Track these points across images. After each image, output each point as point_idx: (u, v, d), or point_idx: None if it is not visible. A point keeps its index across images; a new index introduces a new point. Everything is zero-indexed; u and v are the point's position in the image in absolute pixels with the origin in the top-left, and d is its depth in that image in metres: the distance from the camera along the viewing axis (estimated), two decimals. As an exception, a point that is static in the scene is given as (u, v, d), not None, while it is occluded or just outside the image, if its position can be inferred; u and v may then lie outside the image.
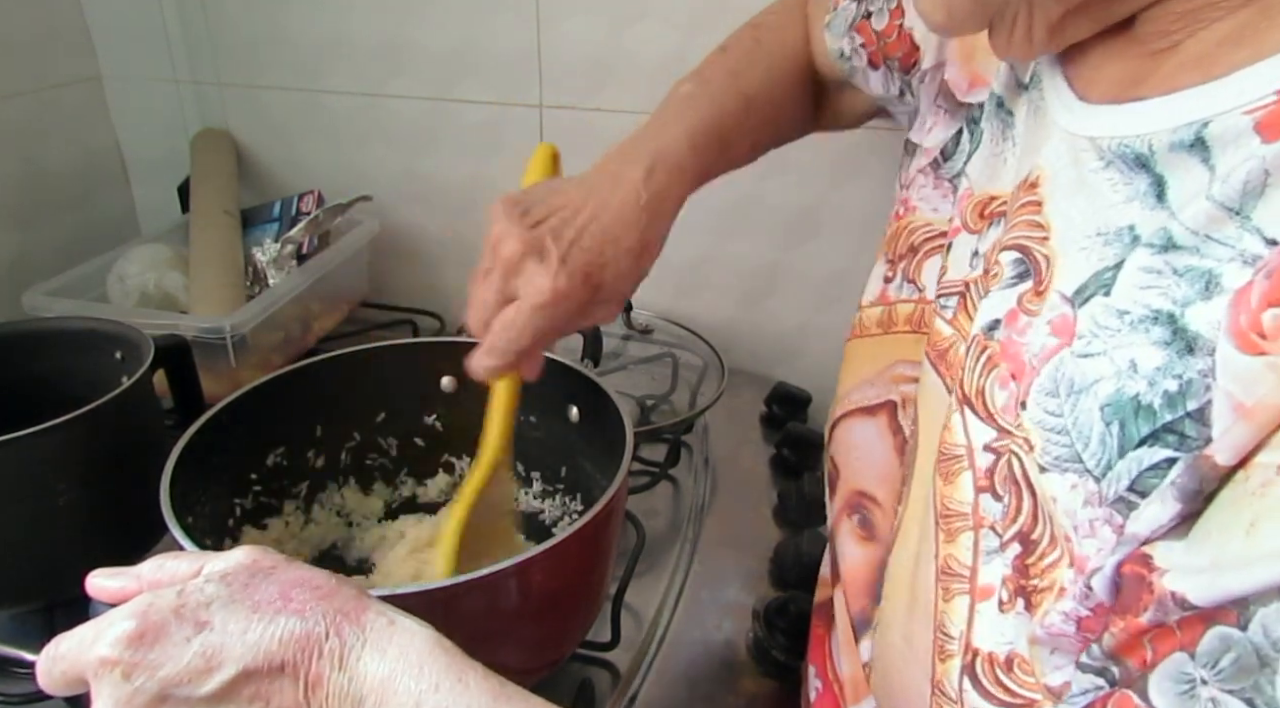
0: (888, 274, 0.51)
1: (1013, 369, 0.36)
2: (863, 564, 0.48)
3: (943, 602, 0.36)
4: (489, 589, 0.46)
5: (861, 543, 0.48)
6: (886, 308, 0.50)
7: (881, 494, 0.48)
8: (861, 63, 0.58)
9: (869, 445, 0.49)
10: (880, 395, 0.49)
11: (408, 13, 1.00)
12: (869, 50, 0.57)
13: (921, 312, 0.47)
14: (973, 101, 0.48)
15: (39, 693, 0.59)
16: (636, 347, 1.00)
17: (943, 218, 0.48)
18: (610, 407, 0.59)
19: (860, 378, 0.51)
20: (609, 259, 0.50)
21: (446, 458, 0.70)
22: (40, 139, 1.05)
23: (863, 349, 0.52)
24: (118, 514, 0.61)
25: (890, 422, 0.48)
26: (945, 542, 0.37)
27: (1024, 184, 0.39)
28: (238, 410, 0.60)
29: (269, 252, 0.98)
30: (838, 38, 0.60)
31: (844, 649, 0.50)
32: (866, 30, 0.57)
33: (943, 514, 0.37)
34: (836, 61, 0.61)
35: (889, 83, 0.58)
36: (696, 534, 0.77)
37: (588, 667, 0.62)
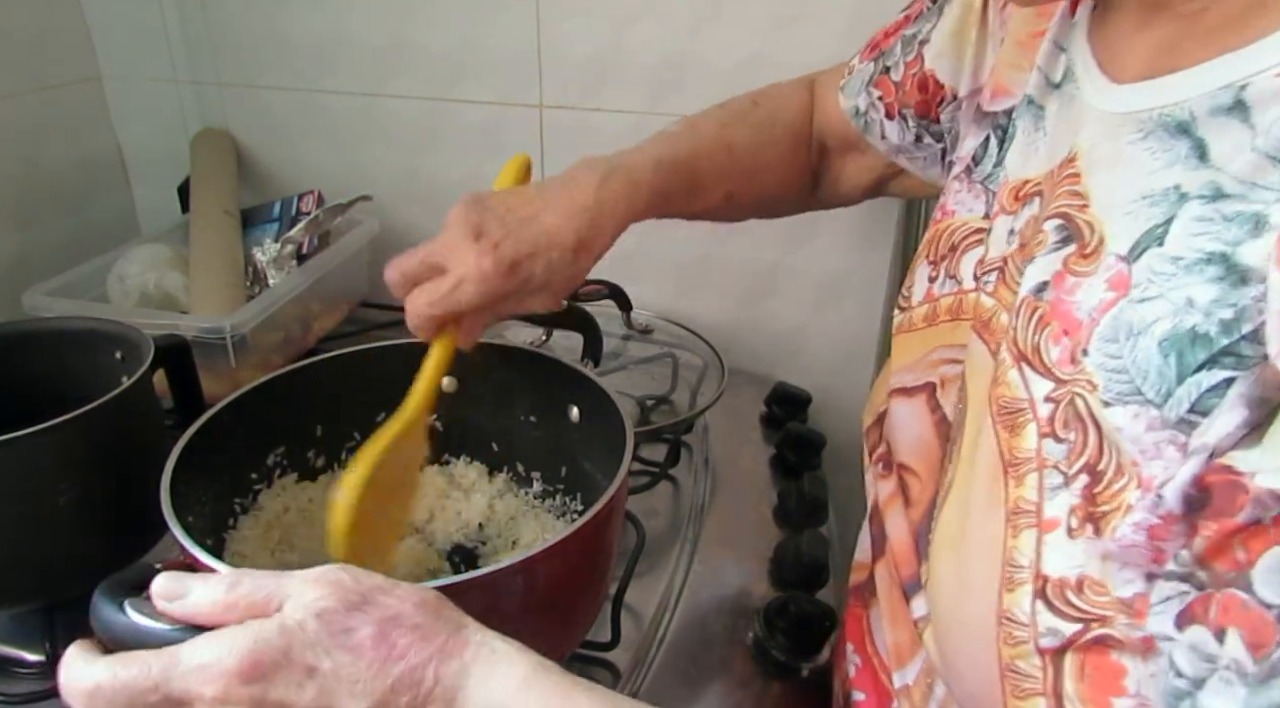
0: (931, 274, 0.54)
1: (1064, 326, 0.38)
2: (905, 531, 0.51)
3: (1010, 538, 0.39)
4: (489, 589, 0.46)
5: (903, 511, 0.51)
6: (931, 304, 0.53)
7: (919, 465, 0.51)
8: (878, 115, 0.64)
9: (908, 423, 0.53)
10: (919, 378, 0.53)
11: (408, 13, 1.00)
12: (886, 103, 0.63)
13: (959, 301, 0.51)
14: (997, 109, 0.52)
15: (39, 693, 0.59)
16: (636, 347, 1.00)
17: (976, 216, 0.52)
18: (610, 407, 0.59)
19: (902, 366, 0.55)
20: (540, 251, 0.55)
21: (446, 458, 0.70)
22: (40, 139, 1.05)
23: (909, 342, 0.55)
24: (118, 514, 0.61)
25: (929, 400, 0.51)
26: (1014, 486, 0.39)
27: (1063, 163, 0.43)
28: (238, 410, 0.60)
29: (269, 252, 0.98)
30: (853, 96, 0.65)
31: (887, 621, 0.53)
32: (885, 84, 0.63)
33: (1010, 462, 0.40)
34: (852, 120, 0.66)
35: (904, 131, 0.63)
36: (696, 534, 0.77)
37: (588, 667, 0.62)
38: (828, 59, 0.71)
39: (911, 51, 0.61)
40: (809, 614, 0.65)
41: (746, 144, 0.66)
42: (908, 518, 0.51)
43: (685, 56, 0.94)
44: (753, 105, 0.69)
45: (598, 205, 0.57)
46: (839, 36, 0.88)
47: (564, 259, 0.55)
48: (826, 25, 0.88)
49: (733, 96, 0.70)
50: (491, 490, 0.68)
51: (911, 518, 0.51)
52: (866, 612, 0.58)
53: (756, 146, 0.67)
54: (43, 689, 0.59)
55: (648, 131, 0.65)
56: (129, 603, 0.39)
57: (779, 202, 0.72)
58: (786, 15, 0.89)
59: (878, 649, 0.55)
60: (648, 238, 1.03)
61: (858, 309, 1.02)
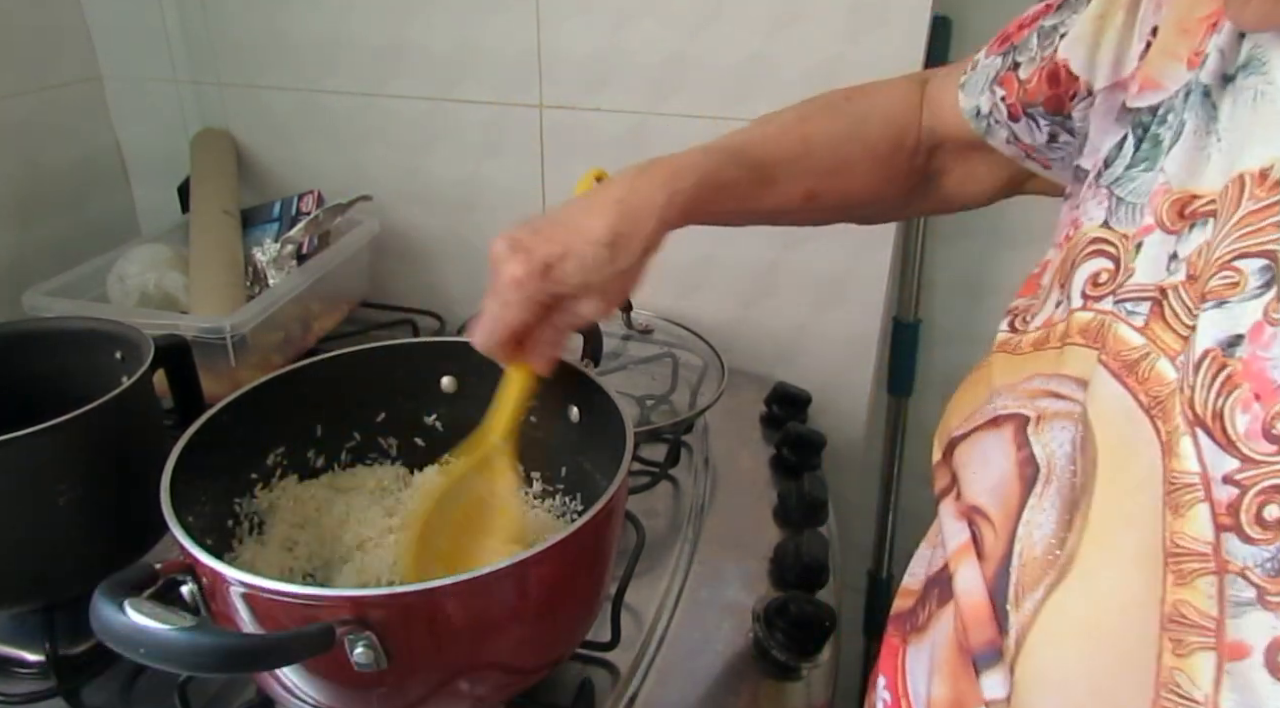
0: (1059, 299, 0.48)
1: (1256, 389, 0.33)
2: (979, 588, 0.43)
3: (1173, 656, 0.32)
4: (489, 589, 0.46)
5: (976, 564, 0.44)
6: (1047, 329, 0.47)
7: (994, 510, 0.44)
8: (1002, 116, 0.57)
9: (987, 458, 0.46)
10: (1009, 407, 0.46)
11: (408, 13, 1.00)
12: (1009, 103, 0.56)
13: (1068, 325, 0.44)
14: (1141, 106, 0.46)
15: (39, 693, 0.59)
16: (636, 347, 1.00)
17: (1095, 223, 0.46)
18: (610, 407, 0.59)
19: (992, 392, 0.48)
20: (572, 250, 0.51)
21: (446, 458, 0.70)
22: (40, 139, 1.05)
23: (1006, 365, 0.49)
24: (118, 514, 0.61)
25: (1016, 436, 0.44)
26: (1175, 584, 0.33)
27: (1259, 181, 0.36)
28: (238, 410, 0.60)
29: (269, 252, 0.98)
30: (974, 95, 0.58)
31: (936, 674, 0.47)
32: (1011, 82, 0.56)
33: (1171, 553, 0.33)
34: (971, 121, 0.59)
35: (1034, 131, 0.56)
36: (696, 534, 0.77)
37: (588, 667, 0.62)
38: (828, 59, 0.70)
39: (1050, 44, 0.52)
40: (809, 614, 0.65)
41: (829, 139, 0.61)
42: (981, 574, 0.43)
43: (685, 56, 0.94)
44: (844, 99, 0.64)
45: (631, 194, 0.53)
46: (839, 37, 0.88)
47: (599, 256, 0.52)
48: (826, 25, 0.88)
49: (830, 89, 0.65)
50: (491, 490, 0.68)
51: (985, 574, 0.43)
52: (905, 647, 0.51)
53: (841, 142, 0.62)
54: (43, 689, 0.59)
55: (648, 131, 0.64)
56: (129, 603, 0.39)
57: (873, 204, 0.66)
58: (786, 15, 0.89)
59: (909, 694, 0.49)
60: (648, 238, 1.03)
61: (858, 309, 1.02)
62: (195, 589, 0.47)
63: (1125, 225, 0.44)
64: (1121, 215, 0.44)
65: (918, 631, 0.50)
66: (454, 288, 1.14)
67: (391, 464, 0.70)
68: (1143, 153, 0.45)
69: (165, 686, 0.58)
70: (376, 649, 0.43)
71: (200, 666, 0.40)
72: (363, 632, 0.43)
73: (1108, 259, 0.44)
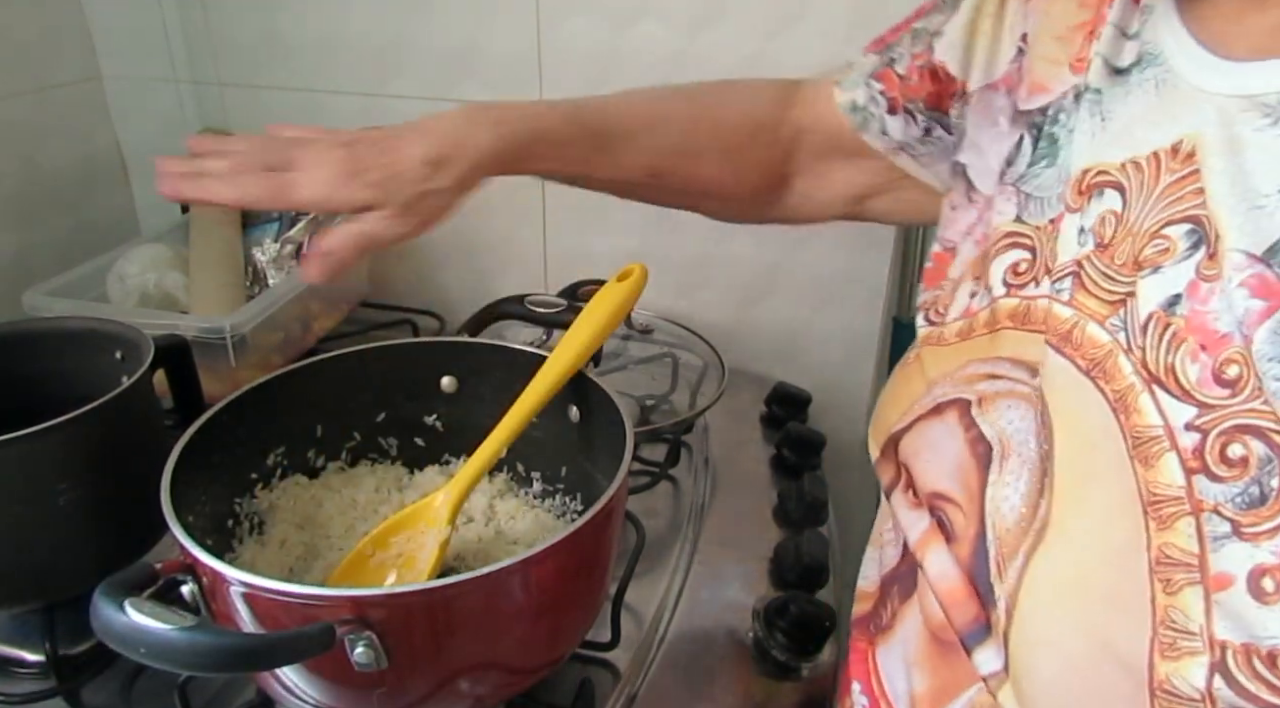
0: (973, 290, 0.50)
1: (1202, 341, 0.35)
2: (954, 571, 0.44)
3: (1164, 595, 0.34)
4: (489, 589, 0.46)
5: (947, 545, 0.46)
6: (969, 319, 0.50)
7: (957, 493, 0.45)
8: (879, 110, 0.58)
9: (938, 445, 0.48)
10: (948, 394, 0.48)
11: (408, 13, 1.00)
12: (889, 97, 0.58)
13: (993, 312, 0.47)
14: (1033, 108, 0.49)
15: (39, 693, 0.59)
16: (636, 347, 1.00)
17: (1007, 219, 0.49)
18: (610, 407, 0.59)
19: (929, 383, 0.50)
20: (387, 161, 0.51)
21: (446, 458, 0.70)
22: (40, 139, 1.05)
23: (935, 357, 0.51)
24: (118, 514, 0.61)
25: (962, 418, 0.46)
26: (1158, 530, 0.35)
27: (1175, 156, 0.39)
28: (238, 410, 0.60)
29: (269, 252, 0.98)
30: (850, 90, 0.60)
31: (913, 666, 0.48)
32: (888, 77, 0.58)
33: (1150, 501, 0.35)
34: (847, 115, 0.60)
35: (910, 125, 0.58)
36: (696, 534, 0.77)
37: (588, 667, 0.62)
38: (828, 59, 0.71)
39: (920, 43, 0.57)
40: (809, 614, 0.65)
41: (681, 120, 0.62)
42: (953, 555, 0.45)
43: (685, 56, 0.94)
44: (709, 88, 0.64)
45: (464, 122, 0.53)
46: (839, 37, 0.88)
47: (412, 171, 0.51)
48: (826, 26, 0.88)
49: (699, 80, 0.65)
50: (491, 490, 0.68)
51: (959, 555, 0.44)
52: (873, 648, 0.52)
53: (693, 125, 0.62)
54: (43, 689, 0.59)
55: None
56: (129, 603, 0.39)
57: (720, 196, 0.66)
58: (786, 15, 0.89)
59: (886, 694, 0.50)
60: (648, 238, 1.03)
61: (858, 309, 1.02)
62: (195, 589, 0.47)
63: (1037, 218, 0.47)
64: (1032, 209, 0.47)
65: (884, 631, 0.51)
66: (454, 288, 1.14)
67: (391, 464, 0.70)
68: (1041, 151, 0.48)
69: (165, 686, 0.58)
70: (376, 649, 0.43)
71: (200, 666, 0.40)
72: (363, 632, 0.43)
73: (1024, 250, 0.47)
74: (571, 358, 0.60)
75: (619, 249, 1.05)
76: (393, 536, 0.58)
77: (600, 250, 1.06)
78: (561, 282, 0.99)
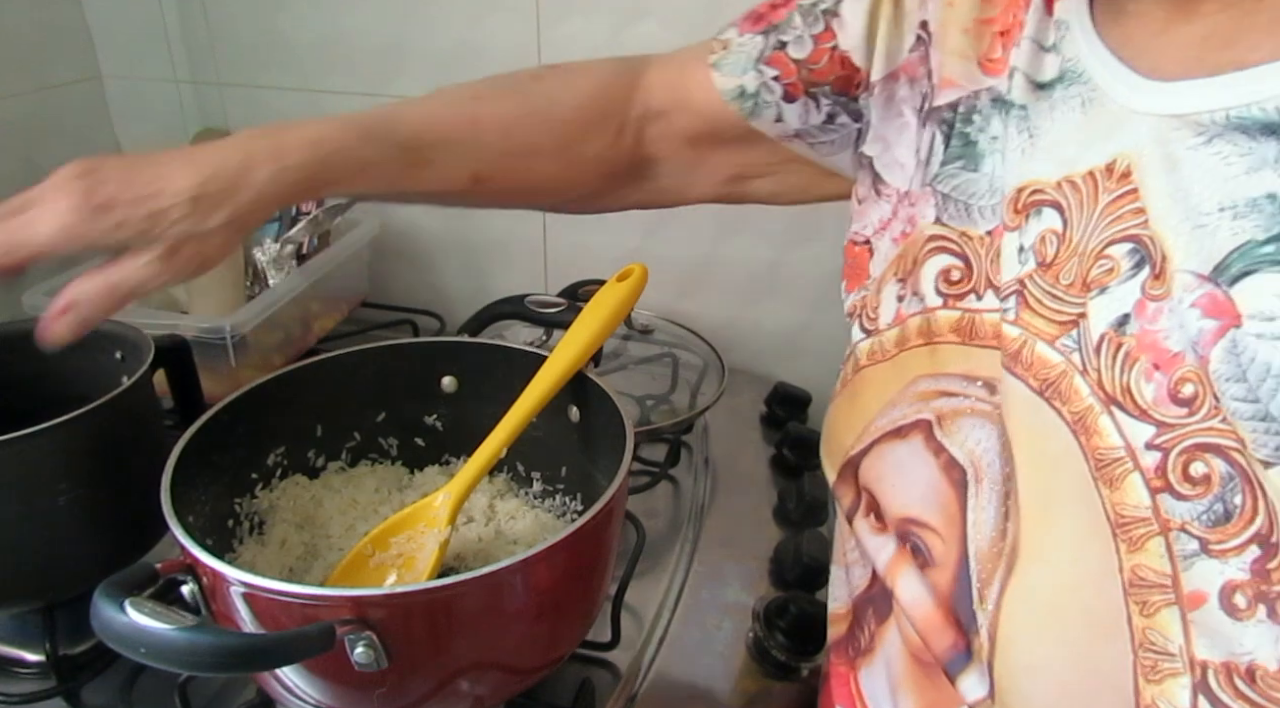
0: (900, 293, 0.49)
1: (1155, 360, 0.35)
2: (927, 597, 0.43)
3: (1142, 617, 0.34)
4: (489, 589, 0.46)
5: (922, 572, 0.44)
6: (901, 327, 0.48)
7: (934, 519, 0.44)
8: (774, 97, 0.54)
9: (906, 468, 0.46)
10: (908, 415, 0.46)
11: (408, 13, 1.00)
12: (786, 82, 0.54)
13: (928, 321, 0.46)
14: (942, 103, 0.48)
15: (39, 693, 0.59)
16: (636, 347, 1.00)
17: (928, 221, 0.47)
18: (610, 407, 0.59)
19: (884, 402, 0.48)
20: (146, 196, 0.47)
21: (446, 458, 0.70)
22: (40, 139, 1.05)
23: (880, 374, 0.49)
24: (118, 514, 0.61)
25: (928, 441, 0.45)
26: (1129, 551, 0.34)
27: (1111, 175, 0.39)
28: (238, 410, 0.59)
29: (269, 252, 0.98)
30: (735, 75, 0.55)
31: (901, 687, 0.47)
32: (782, 61, 0.54)
33: (1118, 523, 0.35)
34: (734, 102, 0.55)
35: (811, 112, 0.54)
36: (696, 534, 0.77)
37: (588, 667, 0.62)
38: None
39: (817, 23, 0.52)
40: (809, 614, 0.65)
41: (505, 119, 0.56)
42: (929, 581, 0.43)
43: (685, 56, 0.94)
44: (532, 79, 0.58)
45: (239, 154, 0.47)
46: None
47: (180, 210, 0.46)
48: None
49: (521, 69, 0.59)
50: (491, 490, 0.68)
51: (936, 581, 0.43)
52: (855, 672, 0.51)
53: (520, 124, 0.56)
54: (43, 689, 0.59)
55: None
56: (129, 603, 0.39)
57: (562, 192, 0.61)
58: (786, 15, 0.89)
59: None
60: (648, 238, 1.03)
61: (858, 309, 1.02)
62: (195, 589, 0.47)
63: (959, 221, 0.46)
64: (951, 211, 0.46)
65: (864, 654, 0.50)
66: (454, 288, 1.14)
67: (391, 464, 0.70)
68: (955, 151, 0.47)
69: (165, 686, 0.58)
70: (376, 649, 0.43)
71: (200, 666, 0.40)
72: (363, 632, 0.43)
73: (953, 256, 0.45)
74: (571, 358, 0.60)
75: (619, 249, 1.05)
76: (393, 536, 0.58)
77: (600, 250, 1.06)
78: (561, 282, 0.99)
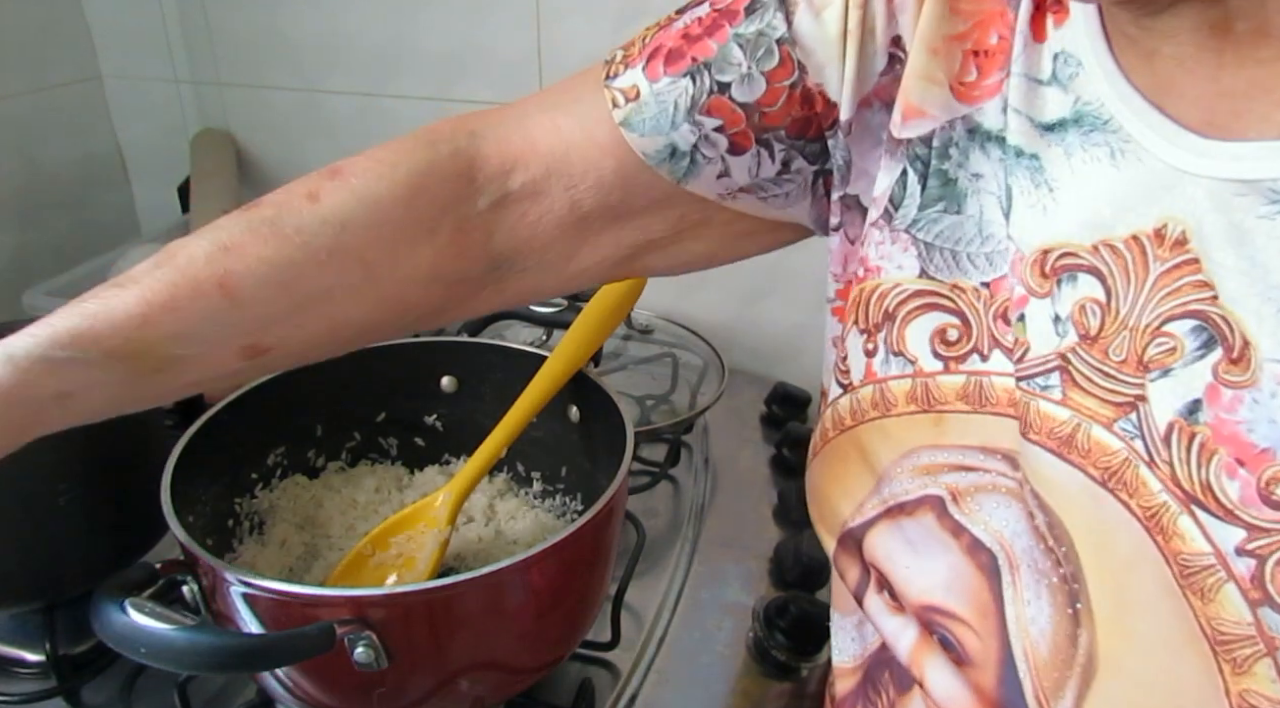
0: (867, 347, 0.44)
1: (1236, 453, 0.32)
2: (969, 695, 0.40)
3: None
4: (489, 589, 0.46)
5: (956, 669, 0.40)
6: (877, 386, 0.43)
7: (962, 609, 0.40)
8: (716, 151, 0.45)
9: (921, 549, 0.41)
10: (910, 491, 0.42)
11: (408, 13, 1.00)
12: (731, 132, 0.44)
13: (925, 387, 0.41)
14: (910, 136, 0.42)
15: (39, 693, 0.59)
16: (636, 347, 1.00)
17: (910, 275, 0.42)
18: (610, 407, 0.59)
19: (877, 474, 0.43)
20: None
21: (446, 458, 0.70)
22: (40, 139, 1.05)
23: (867, 438, 0.43)
24: (118, 514, 0.61)
25: (941, 520, 0.40)
26: (1235, 674, 0.31)
27: (1161, 242, 0.35)
28: (238, 410, 0.60)
29: (269, 252, 0.98)
30: (660, 133, 0.45)
31: None
32: (724, 108, 0.44)
33: (1218, 640, 0.32)
34: (661, 165, 0.46)
35: (761, 163, 0.46)
36: (696, 534, 0.77)
37: (588, 667, 0.62)
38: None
39: (770, 57, 0.43)
40: (809, 614, 0.65)
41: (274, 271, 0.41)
42: (968, 680, 0.39)
43: (685, 56, 0.94)
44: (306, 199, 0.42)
45: None
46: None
47: None
48: (826, 25, 0.88)
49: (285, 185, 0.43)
50: (491, 490, 0.69)
51: (977, 682, 0.39)
52: None
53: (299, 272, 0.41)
54: (43, 689, 0.59)
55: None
56: (129, 603, 0.39)
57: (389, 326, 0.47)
58: (786, 15, 0.89)
59: None
60: (648, 238, 1.03)
61: (858, 309, 1.01)
62: (195, 589, 0.47)
63: (948, 274, 0.41)
64: (938, 262, 0.41)
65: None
66: (454, 288, 1.14)
67: (391, 464, 0.70)
68: (934, 192, 0.41)
69: (165, 686, 0.58)
70: (376, 649, 0.43)
71: (200, 665, 0.41)
72: (363, 632, 0.43)
73: (947, 313, 0.41)
74: (571, 358, 0.60)
75: (619, 249, 1.04)
76: (393, 536, 0.58)
77: (600, 250, 1.06)
78: (561, 282, 0.99)
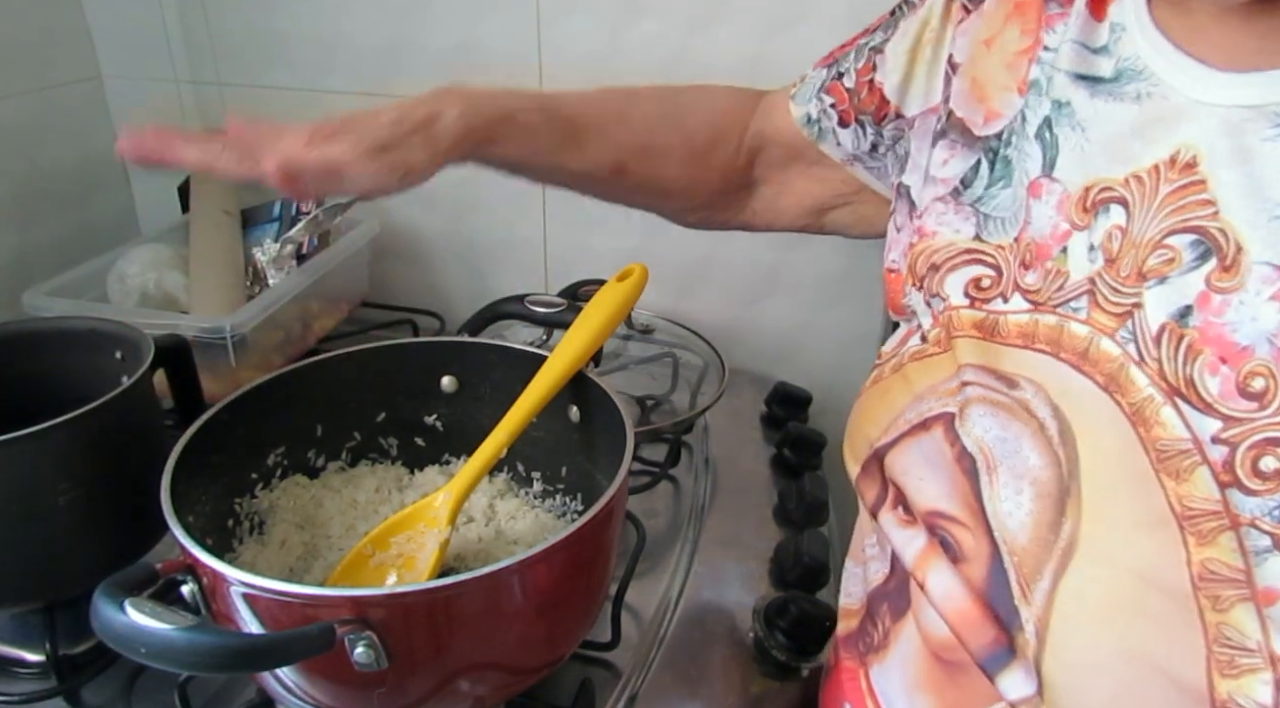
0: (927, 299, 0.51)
1: (1220, 353, 0.35)
2: (962, 592, 0.43)
3: (1214, 612, 0.33)
4: (489, 589, 0.46)
5: (954, 566, 0.44)
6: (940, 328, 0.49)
7: (960, 512, 0.44)
8: (831, 122, 0.61)
9: (929, 461, 0.46)
10: (934, 408, 0.47)
11: (408, 13, 1.00)
12: (840, 109, 0.60)
13: (949, 318, 0.47)
14: (989, 133, 0.50)
15: (39, 693, 0.59)
16: (636, 347, 1.00)
17: (965, 237, 0.49)
18: (610, 407, 0.59)
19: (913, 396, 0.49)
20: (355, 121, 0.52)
21: (446, 458, 0.70)
22: (40, 139, 1.05)
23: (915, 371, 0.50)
24: (118, 514, 0.61)
25: (946, 433, 0.46)
26: (1199, 545, 0.34)
27: (1170, 166, 0.39)
28: (238, 410, 0.60)
29: (269, 252, 0.98)
30: (804, 103, 0.62)
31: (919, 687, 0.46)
32: (838, 90, 0.60)
33: (1185, 515, 0.35)
34: (803, 128, 0.62)
35: (860, 139, 0.60)
36: (696, 534, 0.77)
37: (588, 667, 0.62)
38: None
39: (862, 57, 0.59)
40: (809, 614, 0.65)
41: (648, 118, 0.64)
42: (962, 576, 0.43)
43: (685, 56, 0.94)
44: (675, 90, 0.67)
45: (432, 98, 0.55)
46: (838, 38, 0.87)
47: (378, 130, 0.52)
48: (826, 26, 0.88)
49: None
50: (491, 490, 0.68)
51: (969, 576, 0.43)
52: (865, 669, 0.51)
53: (660, 125, 0.64)
54: (43, 689, 0.59)
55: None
56: (129, 603, 0.39)
57: (683, 197, 0.67)
58: (786, 16, 0.89)
59: None
60: (648, 238, 1.03)
61: (858, 309, 1.02)
62: (195, 589, 0.47)
63: (998, 237, 0.47)
64: (992, 229, 0.48)
65: (876, 651, 0.50)
66: (454, 288, 1.14)
67: (391, 464, 0.70)
68: (997, 173, 0.49)
69: (165, 686, 0.58)
70: (376, 649, 0.43)
71: (200, 666, 0.40)
72: (363, 632, 0.43)
73: (986, 266, 0.47)
74: (571, 358, 0.60)
75: (619, 249, 1.05)
76: (393, 536, 0.58)
77: (600, 250, 1.06)
78: (561, 282, 0.99)
